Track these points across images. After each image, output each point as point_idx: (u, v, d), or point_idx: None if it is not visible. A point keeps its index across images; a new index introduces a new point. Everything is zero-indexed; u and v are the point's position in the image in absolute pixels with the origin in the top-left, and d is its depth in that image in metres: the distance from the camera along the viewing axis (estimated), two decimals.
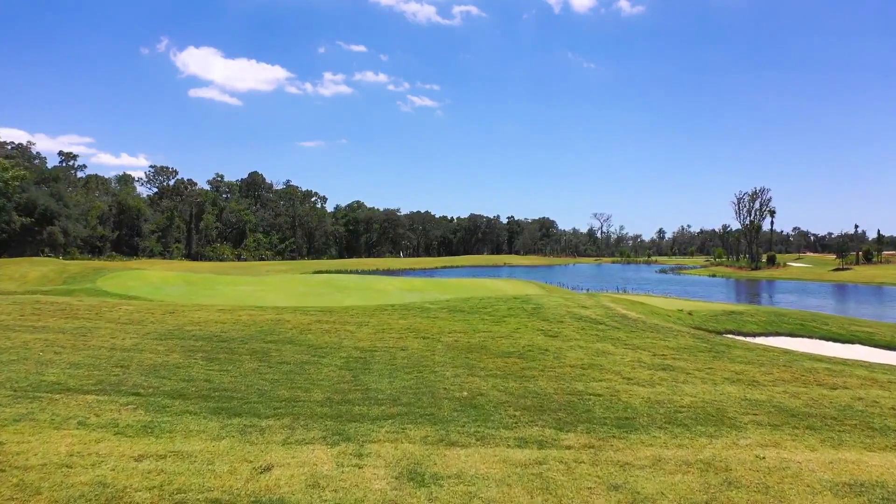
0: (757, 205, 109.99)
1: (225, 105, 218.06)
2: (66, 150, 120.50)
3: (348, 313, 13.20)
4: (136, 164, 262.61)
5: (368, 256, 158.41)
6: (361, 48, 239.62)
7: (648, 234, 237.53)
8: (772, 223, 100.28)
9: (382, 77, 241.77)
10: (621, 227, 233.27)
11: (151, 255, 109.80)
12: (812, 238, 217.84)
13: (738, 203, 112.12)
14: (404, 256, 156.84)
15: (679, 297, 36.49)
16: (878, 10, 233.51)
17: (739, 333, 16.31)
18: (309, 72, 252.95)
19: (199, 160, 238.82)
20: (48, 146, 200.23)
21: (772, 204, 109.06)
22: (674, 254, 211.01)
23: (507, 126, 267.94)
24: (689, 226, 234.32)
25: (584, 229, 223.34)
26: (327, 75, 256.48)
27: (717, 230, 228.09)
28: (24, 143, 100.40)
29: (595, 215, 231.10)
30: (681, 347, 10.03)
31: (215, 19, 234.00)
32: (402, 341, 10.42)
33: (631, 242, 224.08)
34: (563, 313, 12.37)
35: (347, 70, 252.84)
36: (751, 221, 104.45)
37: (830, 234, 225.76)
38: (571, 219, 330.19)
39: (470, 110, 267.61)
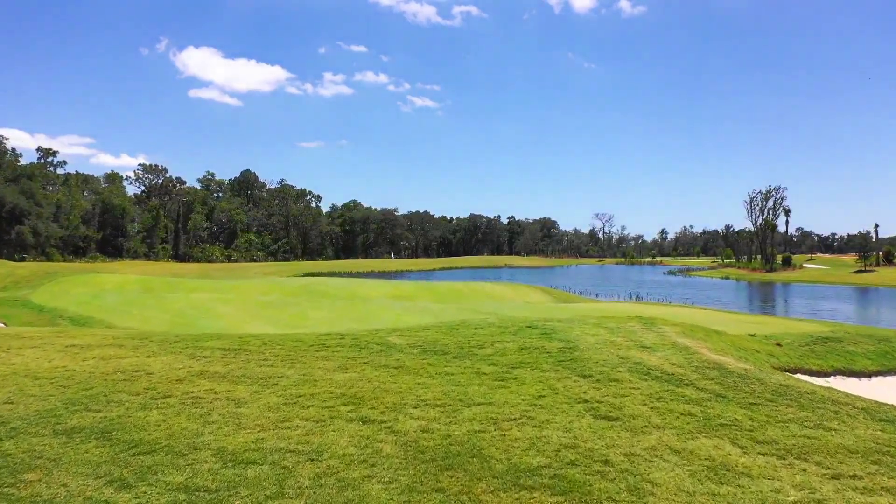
0: (770, 203, 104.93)
1: (225, 106, 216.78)
2: (67, 150, 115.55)
3: (262, 355, 8.20)
4: (136, 165, 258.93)
5: (366, 258, 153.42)
6: (362, 48, 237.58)
7: (650, 235, 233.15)
8: (787, 223, 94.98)
9: (383, 77, 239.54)
10: (623, 228, 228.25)
11: (135, 256, 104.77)
12: (816, 239, 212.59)
13: (751, 202, 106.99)
14: (396, 258, 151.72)
15: (718, 308, 31.59)
16: (880, 9, 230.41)
17: (852, 373, 11.32)
18: (309, 72, 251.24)
19: (199, 161, 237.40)
20: (48, 146, 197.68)
21: (785, 203, 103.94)
22: (679, 255, 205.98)
23: (507, 126, 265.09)
24: (691, 226, 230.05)
25: (585, 230, 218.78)
26: (327, 76, 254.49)
27: (719, 231, 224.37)
28: None
29: (597, 215, 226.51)
30: (871, 450, 4.98)
31: (215, 19, 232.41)
32: (321, 431, 5.39)
33: (633, 243, 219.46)
34: (613, 360, 7.33)
35: (348, 70, 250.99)
36: (765, 221, 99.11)
37: (834, 234, 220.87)
38: (573, 219, 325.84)
39: (470, 111, 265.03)
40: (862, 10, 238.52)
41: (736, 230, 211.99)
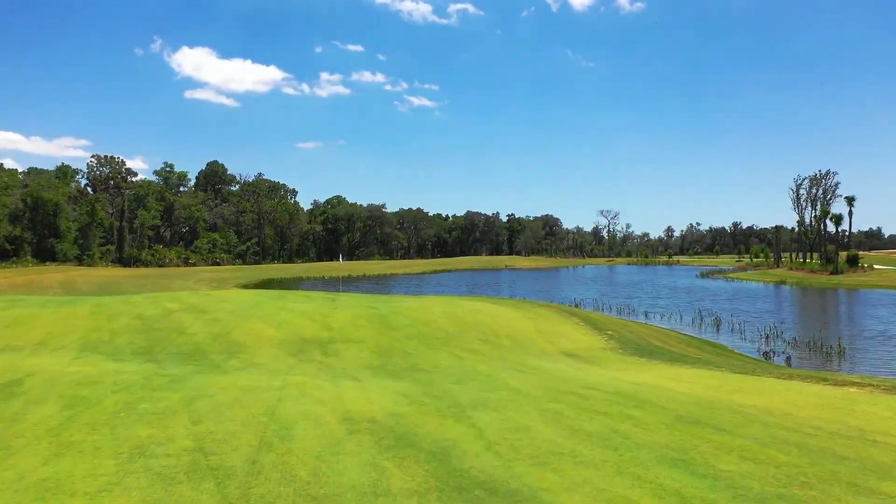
0: (820, 192, 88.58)
1: (221, 107, 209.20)
2: (64, 153, 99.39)
3: None
4: (134, 167, 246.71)
5: (351, 259, 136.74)
6: (358, 48, 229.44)
7: (654, 233, 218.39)
8: (850, 213, 78.09)
9: (380, 77, 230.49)
10: (627, 226, 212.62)
11: (65, 259, 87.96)
12: (826, 236, 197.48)
13: (797, 189, 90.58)
14: (344, 261, 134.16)
15: None
16: (876, 6, 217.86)
17: None
18: (305, 72, 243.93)
19: (197, 162, 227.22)
20: (45, 149, 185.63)
21: (839, 191, 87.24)
22: (696, 253, 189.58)
23: (506, 125, 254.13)
24: (698, 223, 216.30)
25: (588, 227, 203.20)
26: (324, 75, 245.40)
27: (727, 228, 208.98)
28: None
29: (601, 212, 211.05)
30: None
31: (208, 19, 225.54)
32: None
33: (638, 241, 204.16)
34: None
35: (344, 70, 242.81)
36: (823, 211, 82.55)
37: (843, 231, 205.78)
38: (575, 217, 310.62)
39: (468, 110, 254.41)
40: (861, 6, 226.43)
41: (742, 226, 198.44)
